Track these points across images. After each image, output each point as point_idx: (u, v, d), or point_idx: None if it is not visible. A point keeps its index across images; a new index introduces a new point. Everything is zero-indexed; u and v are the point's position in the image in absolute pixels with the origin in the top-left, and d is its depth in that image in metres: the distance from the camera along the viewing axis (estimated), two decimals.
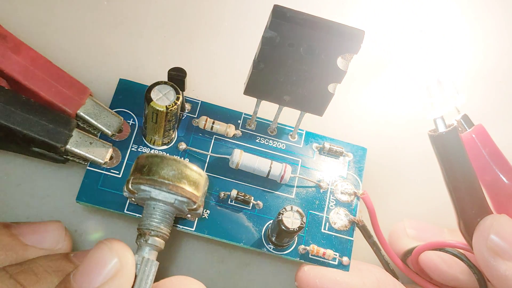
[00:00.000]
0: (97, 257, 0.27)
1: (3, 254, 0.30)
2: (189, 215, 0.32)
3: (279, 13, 0.30)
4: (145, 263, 0.29)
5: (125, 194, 0.31)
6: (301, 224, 0.33)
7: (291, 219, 0.33)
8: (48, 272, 0.28)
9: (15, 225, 0.32)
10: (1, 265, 0.29)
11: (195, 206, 0.31)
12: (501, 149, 0.36)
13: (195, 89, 0.39)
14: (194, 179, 0.30)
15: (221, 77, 0.39)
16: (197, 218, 0.35)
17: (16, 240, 0.31)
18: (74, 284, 0.26)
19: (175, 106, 0.33)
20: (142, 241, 0.30)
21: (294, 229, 0.33)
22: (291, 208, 0.33)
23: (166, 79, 0.34)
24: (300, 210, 0.33)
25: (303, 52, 0.32)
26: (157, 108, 0.32)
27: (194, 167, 0.31)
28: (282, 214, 0.33)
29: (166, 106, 0.33)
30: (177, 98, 0.33)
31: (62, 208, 0.36)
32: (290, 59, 0.32)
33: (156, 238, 0.30)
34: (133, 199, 0.32)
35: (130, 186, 0.30)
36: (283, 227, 0.33)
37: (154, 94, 0.33)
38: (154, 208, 0.30)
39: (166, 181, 0.29)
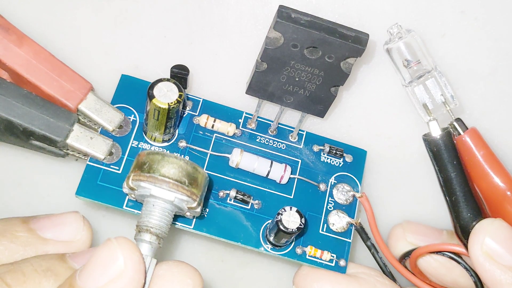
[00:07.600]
0: (104, 255, 0.26)
1: (22, 249, 0.30)
2: (188, 213, 0.32)
3: (284, 14, 0.30)
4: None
5: (125, 190, 0.31)
6: (300, 225, 0.33)
7: (290, 220, 0.33)
8: (38, 272, 0.28)
9: (33, 219, 0.31)
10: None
11: (194, 205, 0.31)
12: (503, 151, 0.36)
13: (197, 87, 0.39)
14: (195, 177, 0.30)
15: (223, 76, 0.39)
16: (195, 216, 0.35)
17: (34, 235, 0.31)
18: (80, 282, 0.26)
19: (178, 104, 0.33)
20: (140, 238, 0.30)
21: (292, 230, 0.33)
22: (291, 208, 0.33)
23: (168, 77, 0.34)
24: (299, 211, 0.33)
25: (306, 53, 0.32)
26: (159, 105, 0.32)
27: (195, 165, 0.31)
28: (281, 214, 0.33)
29: (168, 103, 0.32)
30: (180, 96, 0.33)
31: (61, 202, 0.36)
32: (293, 60, 0.32)
33: (155, 236, 0.30)
34: (132, 195, 0.32)
35: (130, 183, 0.30)
36: (281, 228, 0.33)
37: (156, 91, 0.33)
38: (153, 205, 0.30)
39: (167, 179, 0.29)
